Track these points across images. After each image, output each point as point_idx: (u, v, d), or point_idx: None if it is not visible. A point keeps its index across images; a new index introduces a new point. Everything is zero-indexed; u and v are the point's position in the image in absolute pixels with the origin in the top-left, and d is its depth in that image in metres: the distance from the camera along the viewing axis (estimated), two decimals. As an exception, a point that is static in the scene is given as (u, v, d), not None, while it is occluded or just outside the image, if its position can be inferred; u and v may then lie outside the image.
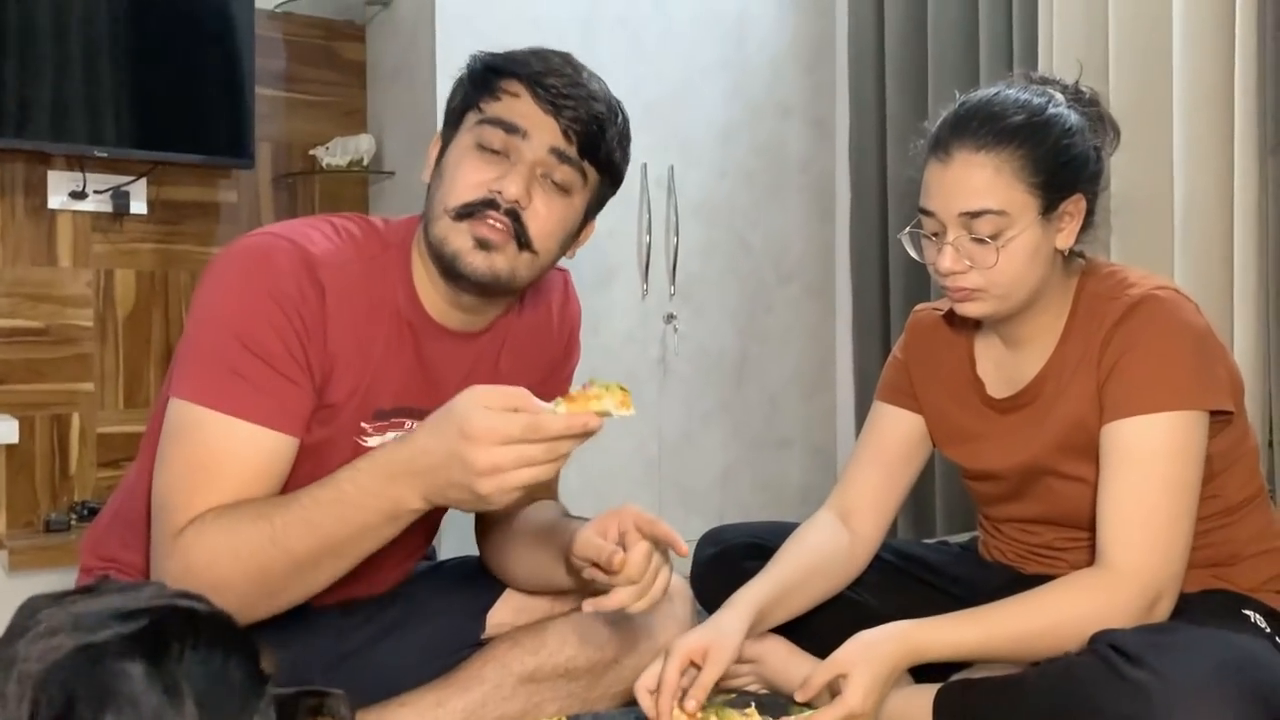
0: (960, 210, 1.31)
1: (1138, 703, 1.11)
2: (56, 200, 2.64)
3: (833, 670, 1.23)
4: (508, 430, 0.99)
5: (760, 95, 3.13)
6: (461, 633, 1.41)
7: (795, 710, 1.31)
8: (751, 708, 1.32)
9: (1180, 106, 2.36)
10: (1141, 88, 2.44)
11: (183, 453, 1.16)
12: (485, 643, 1.41)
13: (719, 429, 3.06)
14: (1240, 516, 1.43)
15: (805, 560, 1.49)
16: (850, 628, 1.29)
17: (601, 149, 1.27)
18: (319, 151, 2.87)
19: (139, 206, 2.72)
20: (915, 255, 1.41)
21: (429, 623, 1.40)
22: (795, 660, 1.46)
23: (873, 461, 1.56)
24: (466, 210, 1.22)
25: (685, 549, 1.20)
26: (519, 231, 1.23)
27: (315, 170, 2.87)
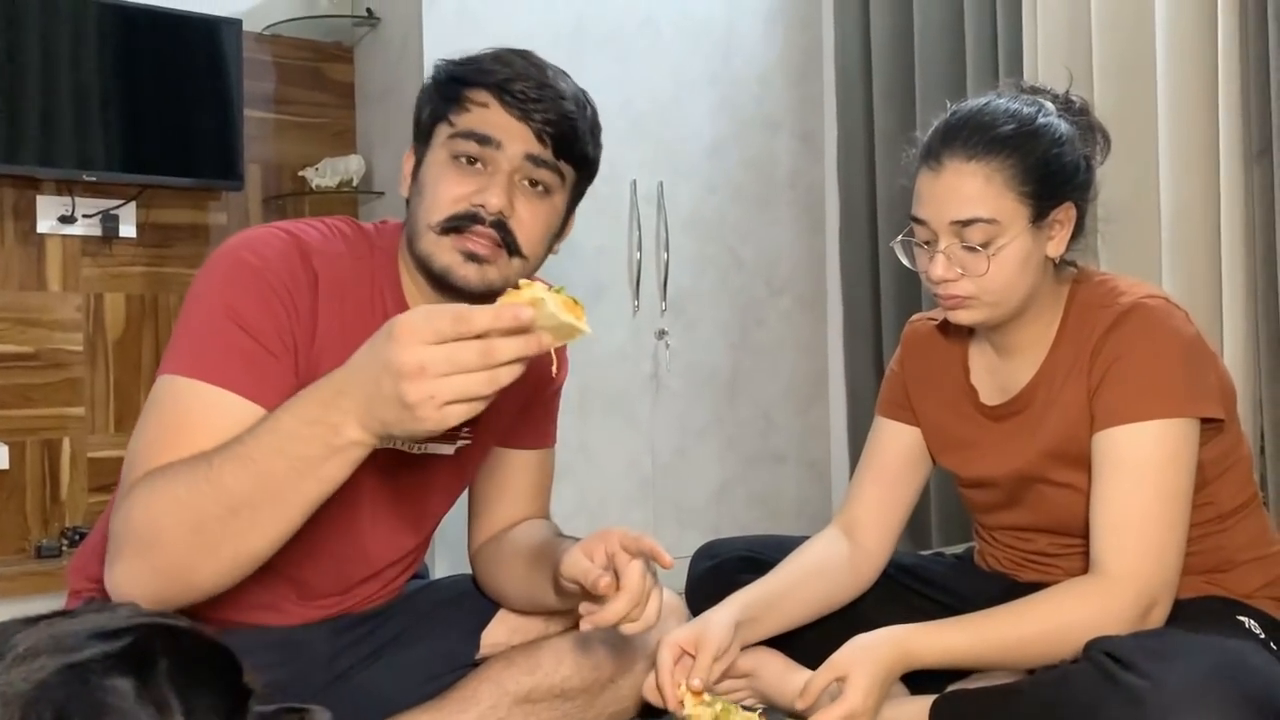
0: (951, 218, 1.32)
1: (1133, 709, 1.10)
2: (45, 224, 2.63)
3: (832, 673, 1.23)
4: (435, 325, 0.91)
5: (748, 110, 3.14)
6: (455, 653, 1.40)
7: None
8: (760, 711, 1.30)
9: (1165, 114, 2.37)
10: (1126, 97, 2.45)
11: (157, 417, 1.13)
12: (480, 663, 1.40)
13: (713, 444, 3.06)
14: (1234, 523, 1.43)
15: (799, 567, 1.49)
16: (846, 640, 1.28)
17: (575, 147, 1.27)
18: (308, 173, 2.87)
19: (128, 230, 2.72)
20: (907, 263, 1.42)
21: (422, 643, 1.39)
22: (791, 674, 1.45)
23: (875, 477, 1.57)
24: (451, 225, 1.22)
25: (669, 560, 1.17)
26: (507, 240, 1.23)
27: (305, 191, 2.87)
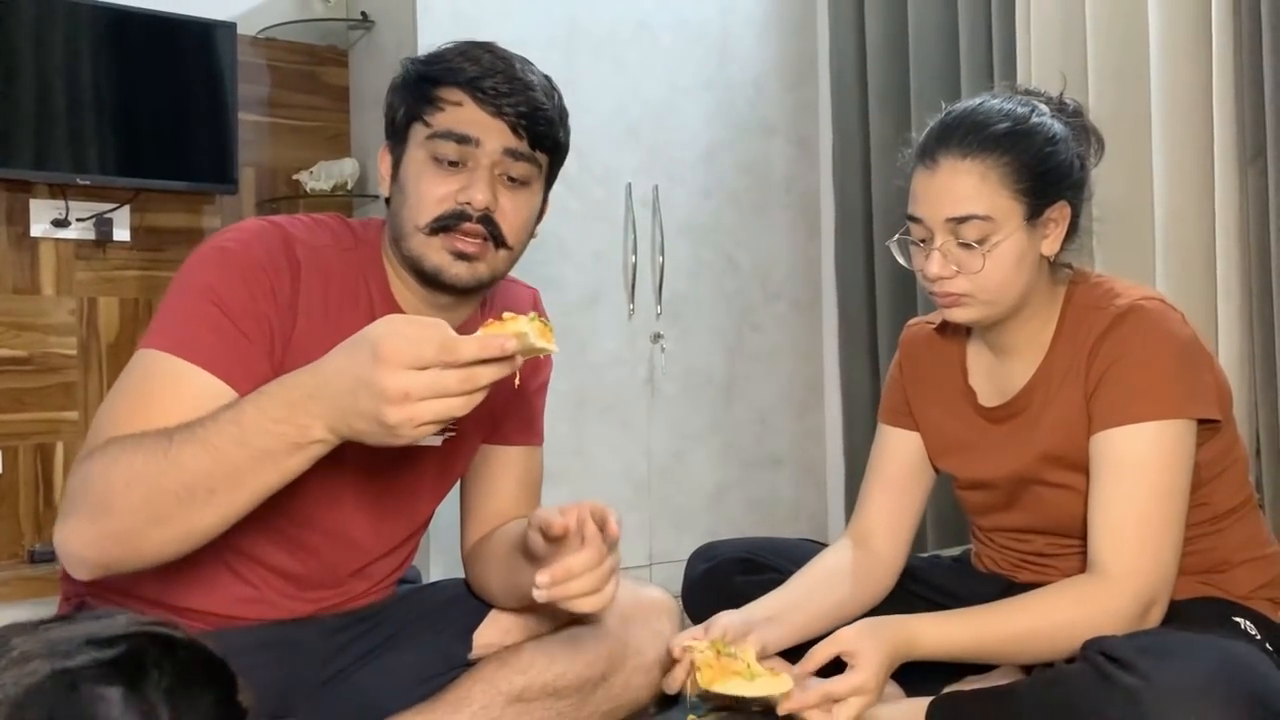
0: (947, 216, 1.33)
1: (1129, 709, 1.11)
2: (39, 228, 2.63)
3: (837, 646, 1.22)
4: (420, 352, 0.94)
5: (744, 114, 3.14)
6: (448, 654, 1.40)
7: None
8: (780, 671, 1.25)
9: (1159, 118, 2.38)
10: (1120, 101, 2.46)
11: (128, 388, 1.16)
12: (473, 664, 1.40)
13: (708, 448, 3.06)
14: (1229, 524, 1.43)
15: (815, 576, 1.49)
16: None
17: (549, 136, 1.29)
18: (303, 176, 2.87)
19: (122, 234, 2.71)
20: (903, 262, 1.43)
21: (415, 644, 1.39)
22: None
23: (882, 485, 1.57)
24: (439, 225, 1.25)
25: (616, 530, 1.14)
26: (494, 234, 1.26)
27: (299, 195, 2.87)
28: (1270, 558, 1.46)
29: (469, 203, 1.23)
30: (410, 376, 0.94)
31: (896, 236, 1.42)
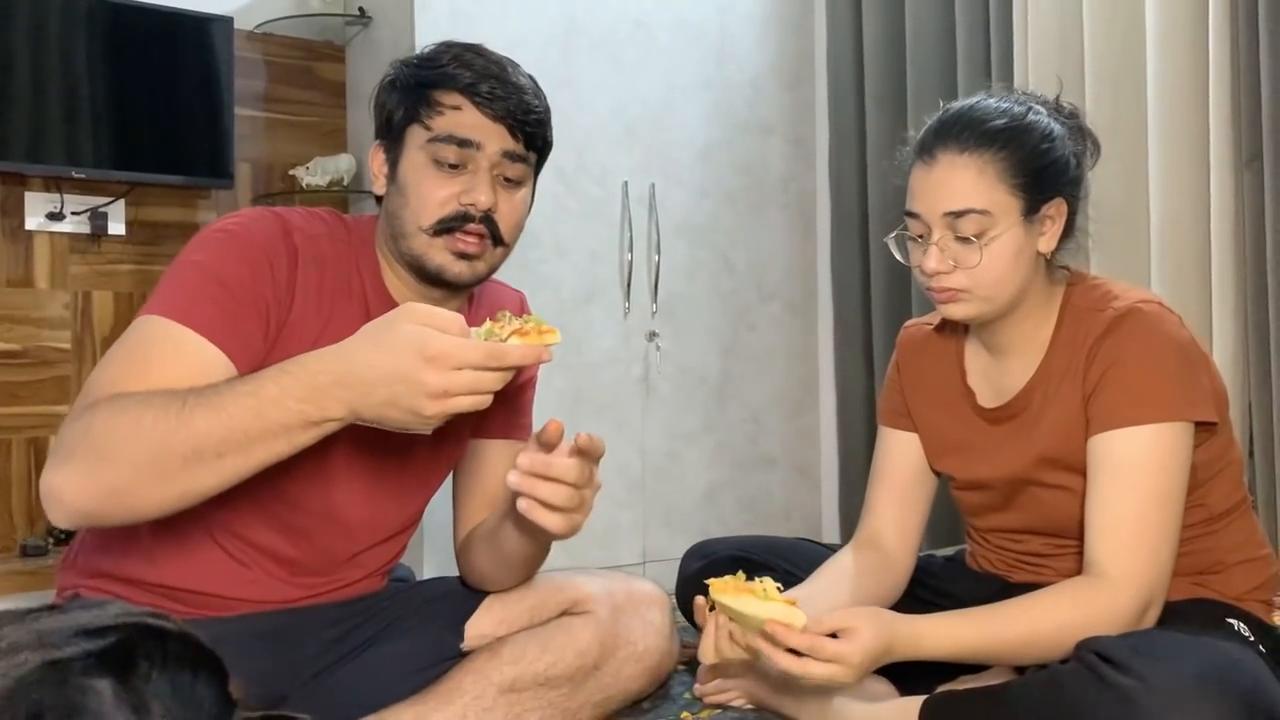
0: (945, 210, 1.34)
1: (1123, 709, 1.11)
2: (33, 221, 2.62)
3: (840, 621, 1.21)
4: (466, 356, 1.02)
5: (741, 114, 3.14)
6: (440, 646, 1.41)
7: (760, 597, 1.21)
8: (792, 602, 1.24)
9: (1155, 121, 2.38)
10: (1117, 104, 2.46)
11: (127, 349, 1.19)
12: (466, 655, 1.41)
13: (702, 448, 3.06)
14: (1224, 525, 1.43)
15: (829, 575, 1.49)
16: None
17: (540, 136, 1.35)
18: (299, 171, 2.86)
19: (117, 227, 2.71)
20: (901, 258, 1.44)
21: (407, 637, 1.40)
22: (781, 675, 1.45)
23: (887, 489, 1.57)
24: (443, 226, 1.29)
25: (599, 445, 1.16)
26: (493, 233, 1.32)
27: (295, 190, 2.86)
28: (1264, 560, 1.46)
29: (472, 205, 1.29)
30: (453, 376, 1.02)
31: (894, 233, 1.43)
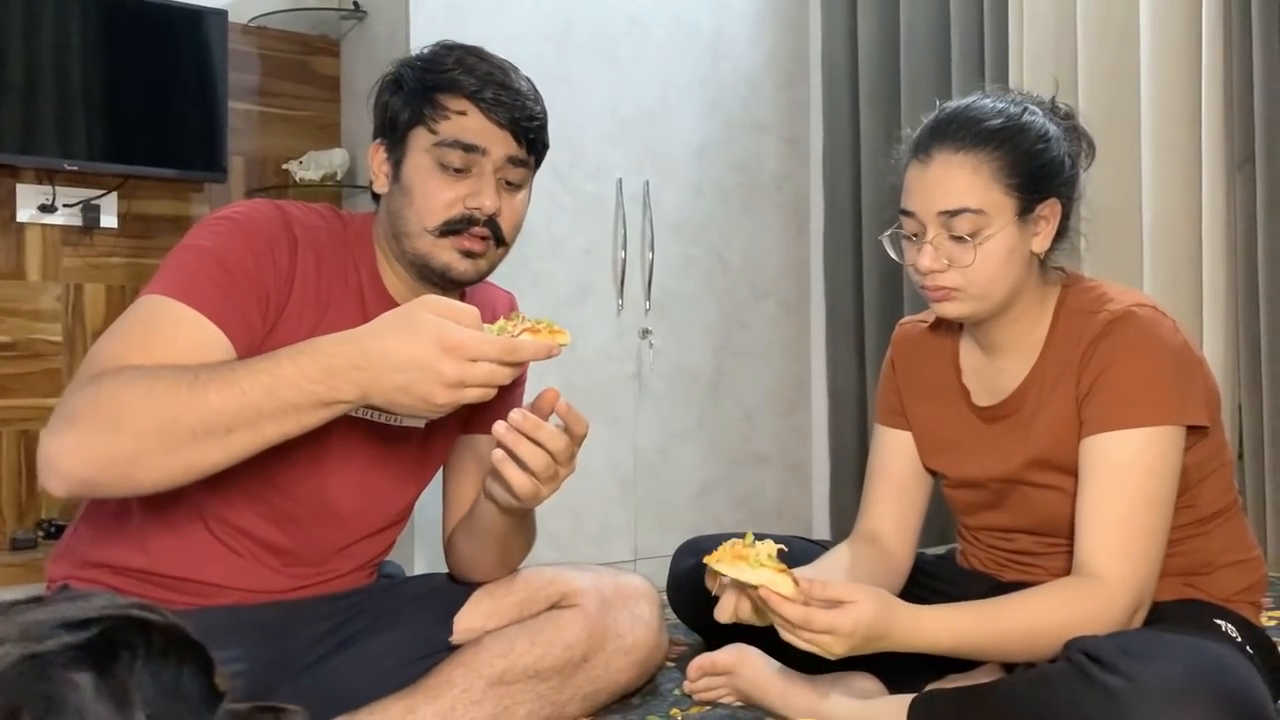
0: (940, 209, 1.34)
1: (1110, 708, 1.11)
2: (25, 213, 2.61)
3: (843, 592, 1.19)
4: (484, 349, 1.06)
5: (736, 112, 3.14)
6: (429, 639, 1.41)
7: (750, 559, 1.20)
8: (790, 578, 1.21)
9: (1149, 123, 2.38)
10: (1111, 105, 2.46)
11: (129, 325, 1.21)
12: (455, 649, 1.41)
13: (695, 445, 3.06)
14: (1214, 527, 1.43)
15: (824, 565, 1.47)
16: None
17: (540, 141, 1.38)
18: (292, 165, 2.86)
19: (109, 220, 2.70)
20: (895, 256, 1.44)
21: (396, 630, 1.40)
22: (771, 673, 1.45)
23: (886, 488, 1.57)
24: (449, 228, 1.32)
25: (582, 422, 1.21)
26: (496, 234, 1.35)
27: (289, 184, 2.86)
28: (1253, 561, 1.46)
29: (478, 209, 1.32)
30: (468, 367, 1.05)
31: (888, 231, 1.43)
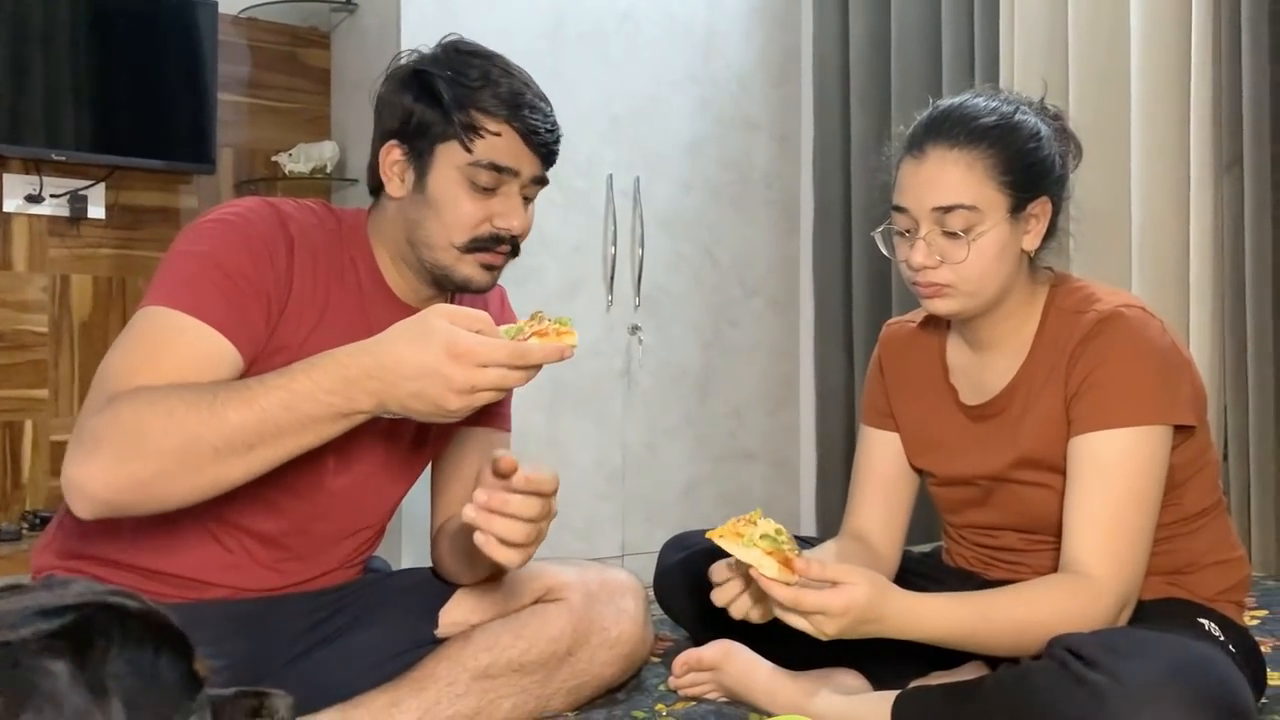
0: (933, 205, 1.35)
1: (1094, 705, 1.11)
2: (12, 204, 2.60)
3: (840, 573, 1.19)
4: (493, 355, 1.07)
5: (727, 110, 3.14)
6: (414, 633, 1.41)
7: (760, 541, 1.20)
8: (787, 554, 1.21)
9: (1138, 124, 2.39)
10: (1100, 107, 2.47)
11: (135, 341, 1.21)
12: (440, 642, 1.41)
13: (682, 442, 3.06)
14: (1199, 526, 1.44)
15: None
16: (813, 639, 1.27)
17: (557, 155, 1.39)
18: (282, 158, 2.85)
19: (97, 211, 2.69)
20: (886, 252, 1.44)
21: (381, 624, 1.40)
22: (756, 669, 1.45)
23: (872, 488, 1.57)
24: (475, 246, 1.33)
25: (554, 480, 1.19)
26: (514, 247, 1.37)
27: (278, 177, 2.85)
28: (1237, 561, 1.47)
29: (507, 229, 1.33)
30: (480, 374, 1.06)
31: (881, 228, 1.43)
